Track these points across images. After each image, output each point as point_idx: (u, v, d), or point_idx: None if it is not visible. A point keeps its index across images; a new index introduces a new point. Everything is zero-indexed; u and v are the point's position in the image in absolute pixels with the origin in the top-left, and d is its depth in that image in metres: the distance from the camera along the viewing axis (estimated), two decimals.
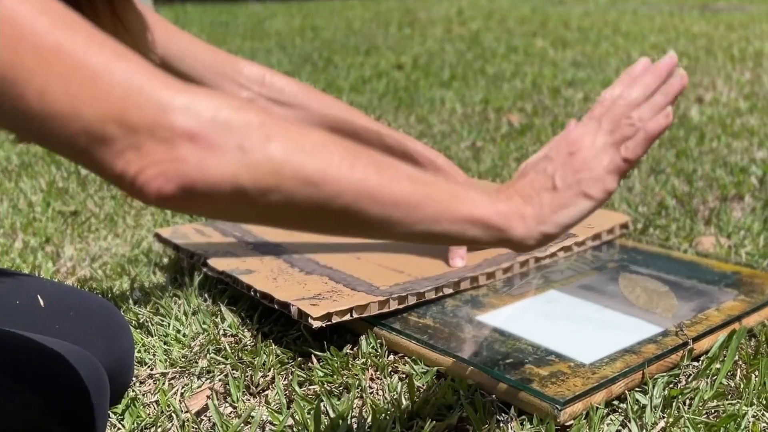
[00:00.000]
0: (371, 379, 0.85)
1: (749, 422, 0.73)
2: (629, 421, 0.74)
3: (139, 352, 0.95)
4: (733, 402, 0.76)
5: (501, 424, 0.74)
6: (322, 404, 0.79)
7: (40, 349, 0.66)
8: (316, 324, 0.89)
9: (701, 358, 0.85)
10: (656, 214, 1.31)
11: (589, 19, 4.21)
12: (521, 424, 0.73)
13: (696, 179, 1.47)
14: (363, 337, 0.92)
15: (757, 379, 0.79)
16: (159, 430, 0.77)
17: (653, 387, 0.78)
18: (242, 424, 0.76)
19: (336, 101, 1.03)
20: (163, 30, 0.89)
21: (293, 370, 0.88)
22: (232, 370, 0.88)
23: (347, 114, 1.02)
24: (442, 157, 1.06)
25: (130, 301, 1.06)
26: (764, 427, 0.72)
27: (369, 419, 0.77)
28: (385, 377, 0.85)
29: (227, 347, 0.91)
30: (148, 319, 1.00)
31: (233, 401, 0.80)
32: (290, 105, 0.99)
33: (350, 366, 0.87)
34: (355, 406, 0.80)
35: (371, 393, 0.82)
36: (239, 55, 1.00)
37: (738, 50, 2.96)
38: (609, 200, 1.37)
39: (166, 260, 1.25)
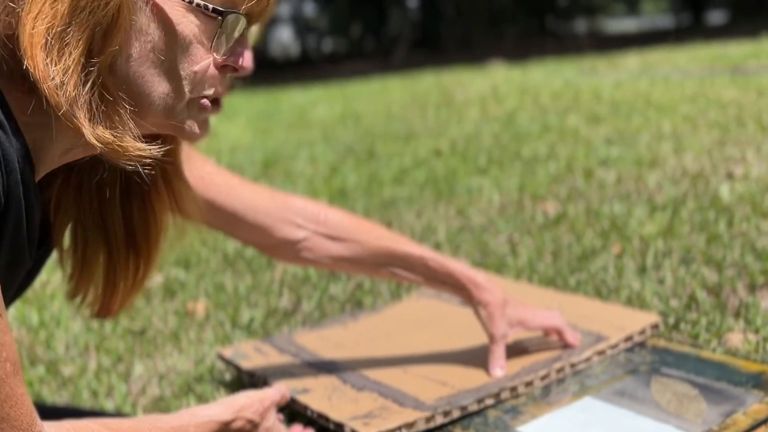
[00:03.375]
0: None
1: None
2: None
3: None
4: None
5: None
6: None
7: None
8: None
9: None
10: (687, 307, 1.37)
11: (621, 91, 4.30)
12: None
13: (726, 266, 1.53)
14: None
15: None
16: None
17: None
18: None
19: (384, 231, 1.16)
20: (228, 189, 1.02)
21: None
22: None
23: (394, 243, 1.13)
24: (481, 275, 1.15)
25: None
26: None
27: None
28: None
29: None
30: None
31: None
32: (343, 239, 1.11)
33: None
34: None
35: None
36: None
37: None
38: (642, 293, 1.44)
39: (228, 377, 1.35)
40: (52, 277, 2.01)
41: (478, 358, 1.19)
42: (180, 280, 1.94)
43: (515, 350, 1.20)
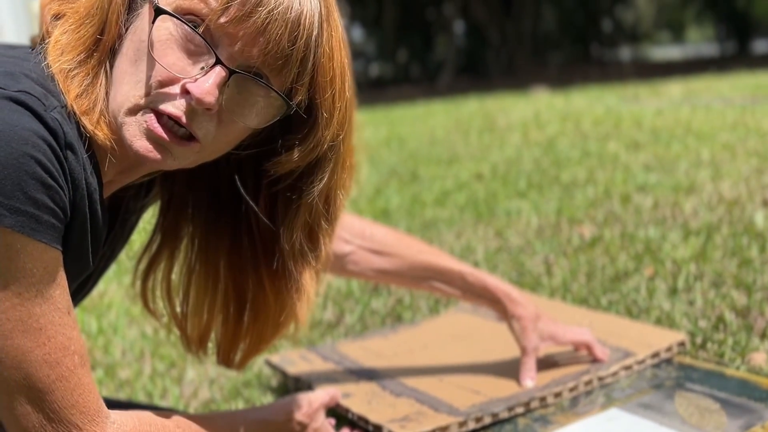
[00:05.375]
0: None
1: None
2: None
3: None
4: None
5: None
6: None
7: None
8: None
9: None
10: (714, 328, 1.42)
11: (662, 118, 4.34)
12: None
13: (755, 290, 1.57)
14: None
15: None
16: None
17: None
18: None
19: (425, 247, 1.24)
20: None
21: None
22: None
23: (434, 258, 1.21)
24: (515, 291, 1.23)
25: None
26: None
27: None
28: None
29: None
30: None
31: None
32: (386, 254, 1.20)
33: None
34: None
35: None
36: None
37: None
38: (671, 314, 1.50)
39: (274, 383, 1.44)
40: (109, 287, 2.13)
41: (510, 369, 1.26)
42: None
43: (546, 363, 1.27)
